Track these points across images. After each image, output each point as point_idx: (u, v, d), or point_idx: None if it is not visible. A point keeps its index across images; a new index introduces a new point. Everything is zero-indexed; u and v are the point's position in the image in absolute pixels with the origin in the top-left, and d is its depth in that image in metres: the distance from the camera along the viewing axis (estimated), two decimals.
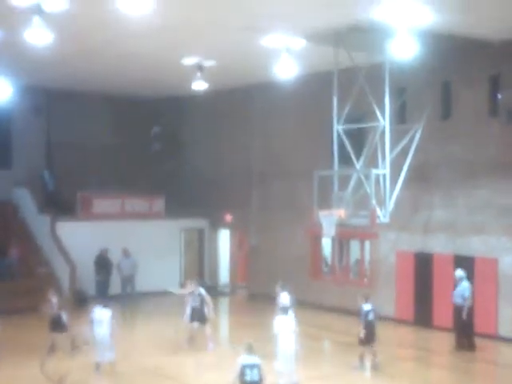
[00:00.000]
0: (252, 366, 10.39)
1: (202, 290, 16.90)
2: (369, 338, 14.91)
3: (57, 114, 26.34)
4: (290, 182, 23.27)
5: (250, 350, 10.65)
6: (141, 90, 25.81)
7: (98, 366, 14.43)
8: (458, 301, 16.77)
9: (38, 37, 13.74)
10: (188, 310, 16.78)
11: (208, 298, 16.87)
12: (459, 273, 16.96)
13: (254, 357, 10.60)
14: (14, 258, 22.56)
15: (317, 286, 22.06)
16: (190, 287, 17.16)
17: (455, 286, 17.07)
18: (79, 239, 23.14)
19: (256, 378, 10.36)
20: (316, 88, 21.48)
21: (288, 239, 23.27)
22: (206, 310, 16.75)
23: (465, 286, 16.74)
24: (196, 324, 16.72)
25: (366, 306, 15.14)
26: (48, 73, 21.98)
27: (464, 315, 16.57)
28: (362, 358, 15.01)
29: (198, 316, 16.70)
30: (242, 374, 10.33)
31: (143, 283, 23.45)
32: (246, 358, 10.55)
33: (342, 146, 21.19)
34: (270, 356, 12.64)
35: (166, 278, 24.58)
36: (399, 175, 17.79)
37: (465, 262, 17.98)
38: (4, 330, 15.72)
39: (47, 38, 13.88)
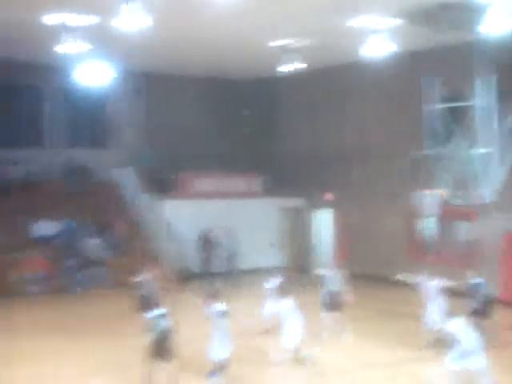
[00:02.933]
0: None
1: (340, 272, 15.94)
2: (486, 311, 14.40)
3: (155, 96, 27.00)
4: (388, 161, 23.14)
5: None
6: (233, 73, 26.15)
7: None
8: None
9: (135, 21, 14.14)
10: (324, 295, 15.77)
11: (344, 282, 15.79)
12: None
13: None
14: (120, 234, 23.38)
15: (417, 267, 21.88)
16: (332, 269, 16.28)
17: None
18: (182, 217, 23.74)
19: None
20: (408, 67, 21.25)
21: (388, 218, 23.20)
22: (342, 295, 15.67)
23: None
24: (331, 313, 15.65)
25: (477, 280, 14.89)
26: (146, 56, 22.54)
27: None
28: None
29: (337, 302, 15.60)
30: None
31: (244, 260, 23.90)
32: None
33: (441, 124, 21.00)
34: None
35: (266, 256, 25.02)
36: (503, 154, 17.43)
37: None
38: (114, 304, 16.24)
39: (144, 23, 14.29)
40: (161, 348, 11.51)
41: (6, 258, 20.99)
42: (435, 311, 14.57)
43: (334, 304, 15.66)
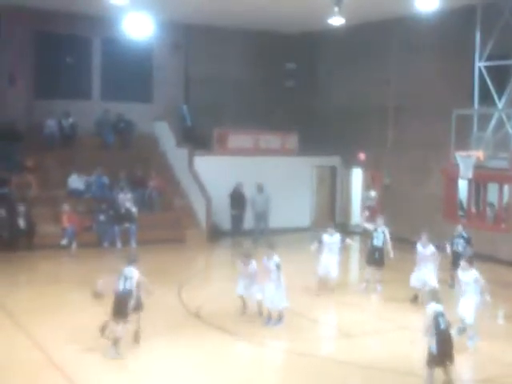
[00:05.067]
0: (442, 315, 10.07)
1: (386, 229, 16.30)
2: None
3: (195, 49, 26.75)
4: (427, 121, 22.66)
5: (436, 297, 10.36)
6: (277, 25, 25.71)
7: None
8: None
9: None
10: (367, 249, 16.53)
11: (388, 238, 16.23)
12: None
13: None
14: (153, 189, 23.45)
15: (451, 229, 21.57)
16: (374, 222, 16.63)
17: None
18: (215, 173, 23.65)
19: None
20: (457, 23, 20.60)
21: (422, 180, 22.84)
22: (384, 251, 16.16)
23: None
24: (371, 266, 16.40)
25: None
26: (187, 8, 22.31)
27: None
28: None
29: (379, 257, 16.17)
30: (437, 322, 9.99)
31: (275, 219, 23.80)
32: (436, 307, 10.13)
33: (483, 84, 20.40)
34: None
35: (298, 215, 24.95)
36: None
37: None
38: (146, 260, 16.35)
39: None
40: None
41: (43, 210, 21.32)
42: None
43: (376, 259, 16.25)
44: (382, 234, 16.26)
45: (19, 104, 23.95)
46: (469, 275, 12.33)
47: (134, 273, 11.57)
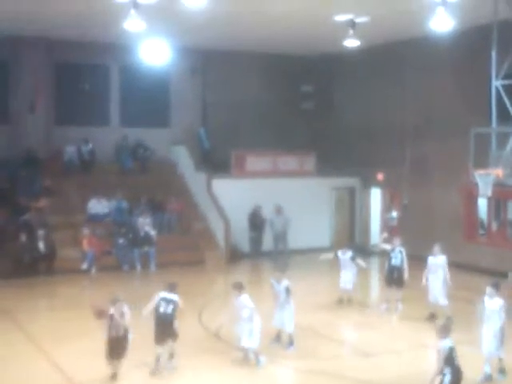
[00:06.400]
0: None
1: (403, 249, 16.46)
2: None
3: (212, 73, 26.99)
4: (445, 140, 22.62)
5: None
6: (293, 48, 25.88)
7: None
8: None
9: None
10: (386, 269, 16.65)
11: (405, 258, 16.41)
12: None
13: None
14: (172, 213, 23.57)
15: (471, 248, 21.47)
16: (391, 243, 16.84)
17: None
18: (233, 196, 23.75)
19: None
20: (473, 42, 20.63)
21: (442, 199, 22.74)
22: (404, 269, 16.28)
23: None
24: (390, 287, 16.58)
25: None
26: (203, 34, 22.49)
27: None
28: None
29: (398, 276, 16.26)
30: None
31: (294, 240, 23.81)
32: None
33: (500, 102, 20.35)
34: None
35: (316, 236, 24.91)
36: None
37: None
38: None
39: (202, 0, 14.24)
40: None
41: (63, 235, 21.48)
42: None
43: (395, 279, 16.42)
44: (399, 254, 16.45)
45: (39, 131, 24.29)
46: (495, 302, 11.65)
47: (175, 297, 11.86)
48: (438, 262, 15.37)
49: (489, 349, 11.60)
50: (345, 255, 16.96)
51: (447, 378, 9.13)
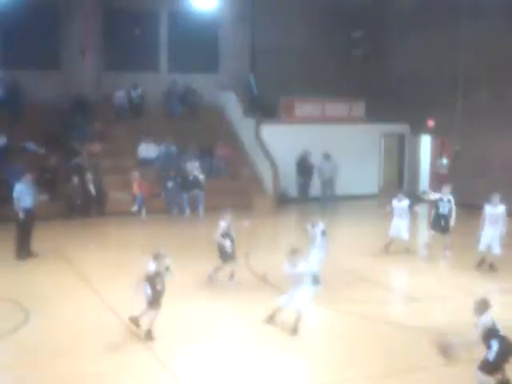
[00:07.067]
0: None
1: (451, 197, 16.31)
2: None
3: (261, 19, 26.64)
4: (499, 86, 22.08)
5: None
6: None
7: None
8: None
9: None
10: (433, 216, 16.50)
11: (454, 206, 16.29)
12: None
13: None
14: (220, 158, 23.67)
15: None
16: (440, 192, 16.63)
17: None
18: (282, 142, 23.72)
19: None
20: None
21: (495, 146, 22.30)
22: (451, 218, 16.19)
23: None
24: (437, 232, 16.47)
25: None
26: None
27: None
28: None
29: (445, 223, 16.16)
30: None
31: (342, 187, 23.77)
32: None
33: None
34: None
35: (365, 183, 24.81)
36: None
37: None
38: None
39: None
40: None
41: (113, 178, 21.83)
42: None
43: (443, 226, 16.24)
44: (448, 203, 16.24)
45: (89, 76, 24.46)
46: None
47: None
48: (497, 211, 14.99)
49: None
50: (401, 202, 16.63)
51: (494, 347, 8.79)
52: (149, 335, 10.78)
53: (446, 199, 16.26)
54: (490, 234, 14.98)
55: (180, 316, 11.68)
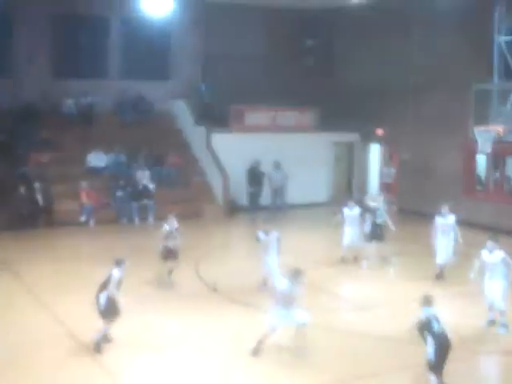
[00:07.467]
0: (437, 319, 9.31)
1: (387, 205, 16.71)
2: None
3: (214, 26, 26.61)
4: (446, 95, 22.50)
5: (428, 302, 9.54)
6: (295, 2, 25.54)
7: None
8: None
9: None
10: (367, 226, 16.56)
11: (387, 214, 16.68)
12: None
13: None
14: (171, 167, 23.55)
15: (469, 203, 21.49)
16: (377, 200, 16.99)
17: None
18: (232, 151, 23.67)
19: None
20: None
21: (441, 154, 22.72)
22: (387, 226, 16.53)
23: None
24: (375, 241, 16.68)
25: None
26: None
27: None
28: None
29: (381, 232, 16.47)
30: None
31: (293, 195, 23.90)
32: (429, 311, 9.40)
33: (503, 58, 20.23)
34: None
35: (315, 191, 24.96)
36: None
37: None
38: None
39: None
40: None
41: (61, 187, 21.50)
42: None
43: (375, 235, 16.51)
44: (384, 212, 16.67)
45: (37, 84, 24.07)
46: (495, 256, 11.79)
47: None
48: (448, 222, 15.16)
49: (492, 299, 11.92)
50: (352, 211, 16.66)
51: (430, 347, 9.11)
52: (97, 348, 10.65)
53: (382, 208, 16.64)
54: (444, 245, 15.14)
55: (129, 326, 11.57)
